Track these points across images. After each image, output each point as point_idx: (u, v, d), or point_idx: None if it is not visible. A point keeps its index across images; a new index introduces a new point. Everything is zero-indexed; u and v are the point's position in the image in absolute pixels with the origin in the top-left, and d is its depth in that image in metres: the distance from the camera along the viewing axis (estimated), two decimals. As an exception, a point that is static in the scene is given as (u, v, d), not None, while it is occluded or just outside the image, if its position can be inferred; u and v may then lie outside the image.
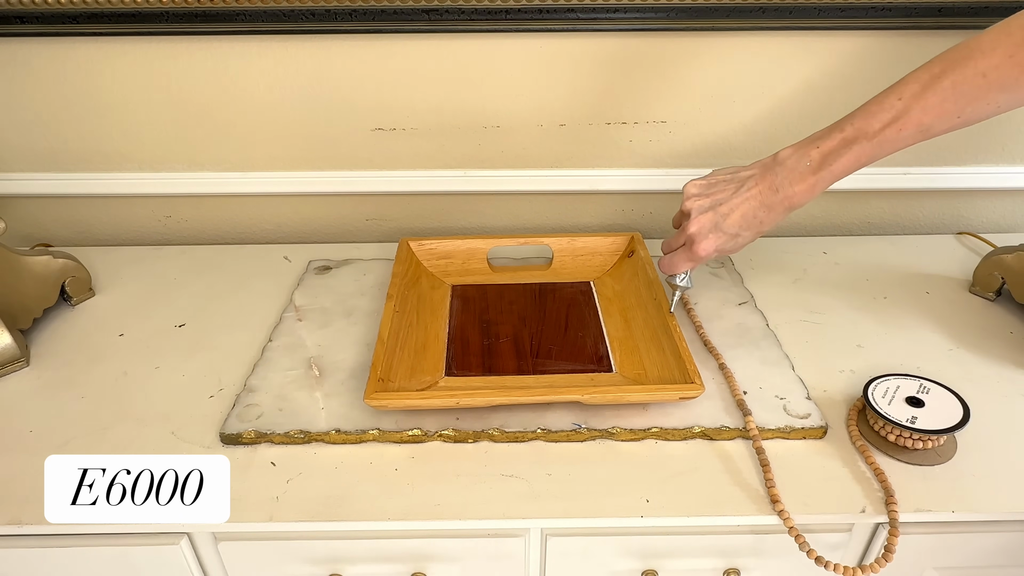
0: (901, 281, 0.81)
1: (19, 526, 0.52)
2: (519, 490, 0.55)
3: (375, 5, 0.76)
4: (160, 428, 0.61)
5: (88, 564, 0.56)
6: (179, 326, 0.75)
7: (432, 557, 0.58)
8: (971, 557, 0.58)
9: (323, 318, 0.74)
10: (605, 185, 0.91)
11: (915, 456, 0.56)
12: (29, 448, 0.59)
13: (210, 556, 0.58)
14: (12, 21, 0.76)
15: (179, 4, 0.76)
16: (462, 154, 0.89)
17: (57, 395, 0.65)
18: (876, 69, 0.83)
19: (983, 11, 0.77)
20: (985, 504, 0.53)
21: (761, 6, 0.77)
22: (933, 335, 0.72)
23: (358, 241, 0.96)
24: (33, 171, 0.88)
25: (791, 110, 0.86)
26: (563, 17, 0.77)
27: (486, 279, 0.80)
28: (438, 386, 0.64)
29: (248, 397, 0.63)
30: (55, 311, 0.77)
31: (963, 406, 0.57)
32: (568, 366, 0.66)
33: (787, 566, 0.58)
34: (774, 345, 0.70)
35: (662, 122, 0.87)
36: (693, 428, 0.59)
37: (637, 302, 0.73)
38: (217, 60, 0.81)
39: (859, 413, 0.61)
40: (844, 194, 0.93)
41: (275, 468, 0.57)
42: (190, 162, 0.89)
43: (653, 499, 0.54)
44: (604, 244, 0.82)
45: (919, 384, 0.60)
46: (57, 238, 0.94)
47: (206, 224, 0.95)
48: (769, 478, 0.54)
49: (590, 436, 0.59)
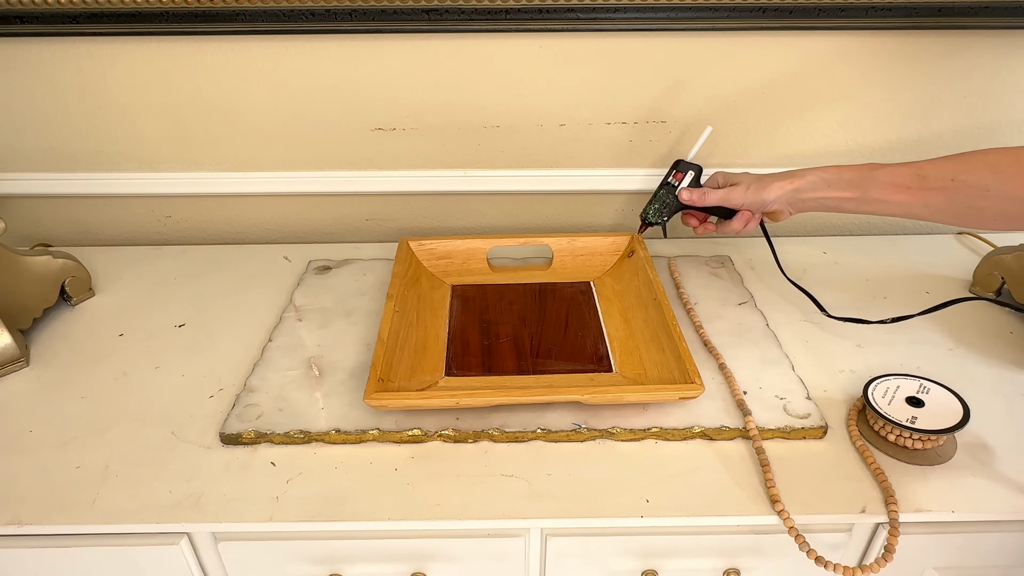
0: (901, 281, 0.81)
1: (19, 526, 0.52)
2: (519, 490, 0.55)
3: (375, 5, 0.76)
4: (160, 428, 0.61)
5: (88, 564, 0.56)
6: (179, 326, 0.75)
7: (432, 557, 0.58)
8: (971, 557, 0.58)
9: (323, 318, 0.74)
10: (605, 185, 0.91)
11: (915, 456, 0.56)
12: (29, 448, 0.59)
13: (210, 556, 0.58)
14: (12, 21, 0.76)
15: (179, 4, 0.76)
16: (462, 154, 0.89)
17: (57, 395, 0.65)
18: (876, 69, 0.83)
19: (983, 11, 0.77)
20: (985, 504, 0.53)
21: (761, 6, 0.77)
22: (933, 335, 0.72)
23: (358, 241, 0.96)
24: (33, 171, 0.88)
25: (791, 110, 0.86)
26: (563, 17, 0.77)
27: (486, 279, 0.80)
28: (438, 386, 0.64)
29: (248, 397, 0.63)
30: (55, 311, 0.77)
31: (963, 406, 0.57)
32: (568, 366, 0.66)
33: (787, 566, 0.58)
34: (774, 345, 0.70)
35: (662, 122, 0.87)
36: (693, 428, 0.59)
37: (637, 302, 0.73)
38: (217, 60, 0.81)
39: (859, 413, 0.61)
40: (844, 194, 0.93)
41: (275, 468, 0.57)
42: (190, 162, 0.89)
43: (653, 499, 0.54)
44: (604, 244, 0.82)
45: (919, 384, 0.60)
46: (57, 238, 0.94)
47: (206, 224, 0.95)
48: (769, 478, 0.54)
49: (590, 436, 0.59)
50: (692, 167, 0.75)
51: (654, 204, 0.76)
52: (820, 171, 0.67)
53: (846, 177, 0.65)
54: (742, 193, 0.69)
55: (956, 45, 0.81)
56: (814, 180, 0.66)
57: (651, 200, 0.76)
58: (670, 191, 0.75)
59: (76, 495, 0.54)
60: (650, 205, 0.76)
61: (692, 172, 0.75)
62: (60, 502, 0.54)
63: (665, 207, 0.75)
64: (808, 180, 0.66)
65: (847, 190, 0.64)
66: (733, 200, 0.70)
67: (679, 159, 0.77)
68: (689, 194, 0.73)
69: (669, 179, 0.76)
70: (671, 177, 0.76)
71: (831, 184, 0.65)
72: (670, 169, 0.76)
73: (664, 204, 0.75)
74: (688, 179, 0.75)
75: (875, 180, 0.63)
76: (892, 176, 0.62)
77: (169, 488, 0.55)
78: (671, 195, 0.75)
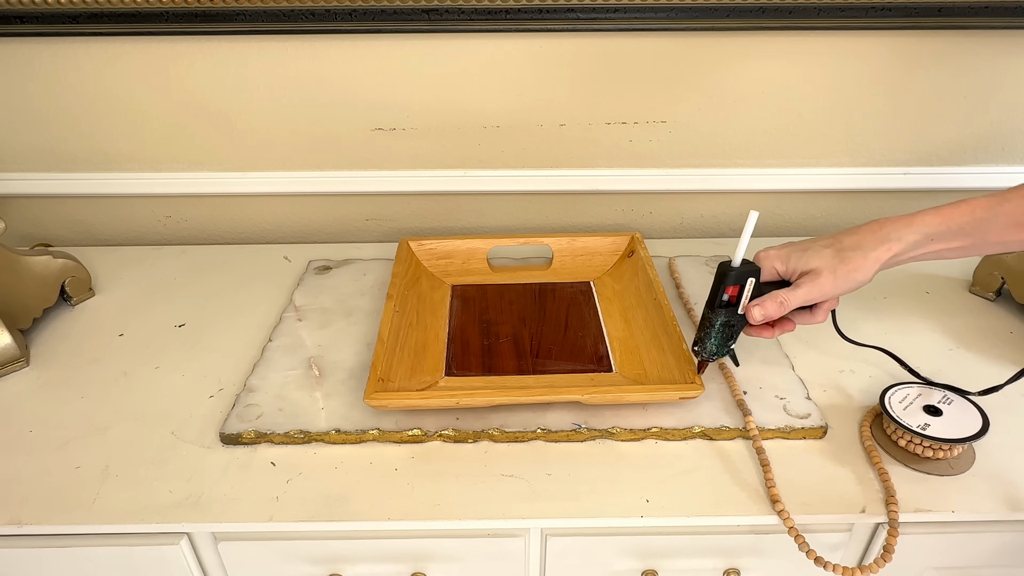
0: (901, 281, 0.81)
1: (19, 526, 0.52)
2: (519, 490, 0.55)
3: (375, 5, 0.76)
4: (160, 428, 0.61)
5: (88, 564, 0.56)
6: (179, 326, 0.75)
7: (432, 557, 0.58)
8: (971, 557, 0.58)
9: (323, 318, 0.74)
10: (605, 185, 0.91)
11: (925, 465, 0.56)
12: (29, 448, 0.59)
13: (210, 556, 0.58)
14: (12, 21, 0.76)
15: (179, 4, 0.76)
16: (462, 154, 0.89)
17: (57, 395, 0.65)
18: (875, 69, 0.83)
19: (983, 11, 0.77)
20: (985, 504, 0.53)
21: (761, 6, 0.77)
22: (933, 335, 0.72)
23: (358, 241, 0.96)
24: (33, 171, 0.88)
25: (791, 110, 0.86)
26: (563, 17, 0.77)
27: (486, 279, 0.80)
28: (438, 386, 0.64)
29: (248, 397, 0.63)
30: (55, 311, 0.77)
31: (983, 421, 0.56)
32: (568, 366, 0.66)
33: (787, 566, 0.58)
34: (774, 345, 0.70)
35: (662, 122, 0.87)
36: (693, 428, 0.59)
37: (637, 302, 0.73)
38: (217, 60, 0.81)
39: (876, 416, 0.61)
40: (844, 194, 0.93)
41: (275, 468, 0.57)
42: (190, 162, 0.89)
43: (653, 499, 0.54)
44: (604, 244, 0.82)
45: (943, 395, 0.59)
46: (57, 238, 0.94)
47: (206, 224, 0.95)
48: (769, 478, 0.54)
49: (590, 436, 0.59)
50: (748, 271, 0.56)
51: (712, 338, 0.58)
52: (919, 224, 0.54)
53: (956, 225, 0.53)
54: (831, 284, 0.54)
55: (956, 45, 0.81)
56: (915, 239, 0.54)
57: (702, 331, 0.58)
58: (729, 314, 0.57)
59: (76, 495, 0.54)
60: (707, 339, 0.58)
61: (752, 279, 0.56)
62: (60, 502, 0.54)
63: (728, 335, 0.58)
64: (908, 241, 0.54)
65: (956, 240, 0.54)
66: (822, 294, 0.55)
67: (725, 265, 0.56)
68: (763, 310, 0.55)
69: (722, 298, 0.56)
70: (723, 295, 0.56)
71: (936, 238, 0.54)
72: (716, 284, 0.56)
73: (726, 332, 0.58)
74: (748, 290, 0.56)
75: (993, 223, 0.53)
76: (1015, 213, 0.52)
77: (169, 488, 0.55)
78: (733, 315, 0.57)
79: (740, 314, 0.57)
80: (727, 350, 0.59)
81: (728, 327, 0.58)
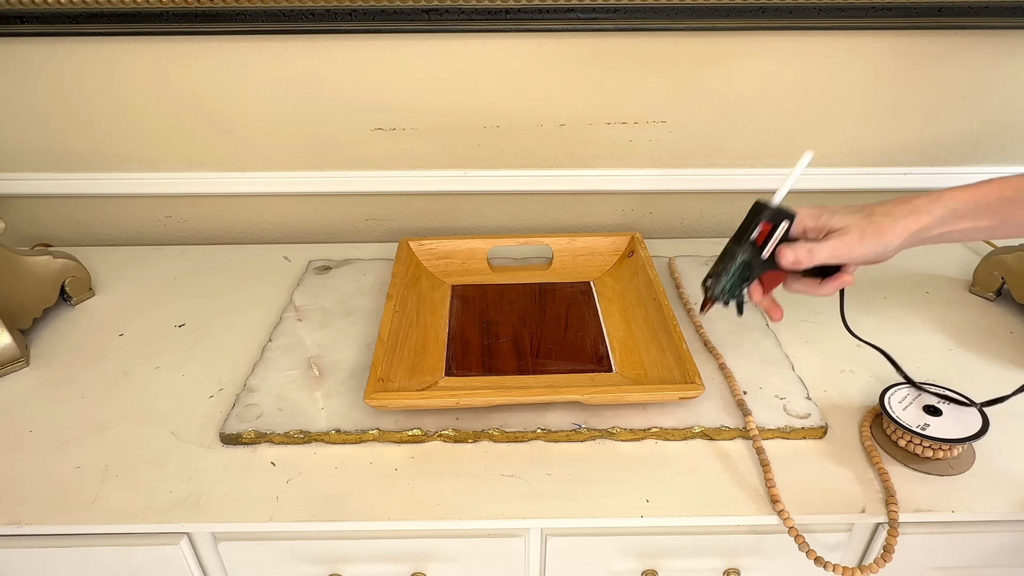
0: (901, 281, 0.81)
1: (19, 526, 0.52)
2: (519, 490, 0.55)
3: (375, 5, 0.76)
4: (160, 428, 0.61)
5: (88, 564, 0.56)
6: (179, 326, 0.75)
7: (432, 557, 0.58)
8: (971, 557, 0.58)
9: (323, 318, 0.74)
10: (605, 185, 0.91)
11: (925, 465, 0.56)
12: (29, 448, 0.59)
13: (210, 556, 0.58)
14: (12, 21, 0.76)
15: (179, 4, 0.76)
16: (462, 154, 0.89)
17: (57, 395, 0.65)
18: (875, 69, 0.83)
19: (983, 11, 0.77)
20: (985, 504, 0.53)
21: (761, 6, 0.77)
22: (933, 335, 0.72)
23: (358, 241, 0.96)
24: (33, 171, 0.88)
25: (791, 110, 0.86)
26: (563, 17, 0.77)
27: (486, 279, 0.80)
28: (438, 386, 0.64)
29: (248, 397, 0.63)
30: (55, 311, 0.77)
31: (983, 421, 0.56)
32: (568, 366, 0.66)
33: (787, 566, 0.58)
34: (774, 345, 0.70)
35: (662, 122, 0.87)
36: (693, 428, 0.59)
37: (637, 302, 0.73)
38: (217, 60, 0.81)
39: (876, 416, 0.61)
40: (844, 194, 0.93)
41: (275, 468, 0.57)
42: (190, 162, 0.89)
43: (653, 499, 0.54)
44: (604, 244, 0.82)
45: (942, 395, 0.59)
46: (57, 238, 0.94)
47: (206, 224, 0.95)
48: (769, 478, 0.54)
49: (590, 436, 0.59)
50: (785, 214, 0.54)
51: (729, 274, 0.55)
52: (948, 199, 0.54)
53: (983, 203, 0.53)
54: (858, 242, 0.53)
55: (956, 45, 0.81)
56: (943, 214, 0.53)
57: (721, 264, 0.55)
58: (752, 254, 0.54)
59: (76, 495, 0.54)
60: (723, 274, 0.55)
61: (786, 223, 0.54)
62: (60, 502, 0.54)
63: (744, 277, 0.55)
64: (936, 215, 0.53)
65: (983, 218, 0.53)
66: (848, 253, 0.53)
67: (761, 202, 0.54)
68: (794, 253, 0.53)
69: (751, 234, 0.54)
70: (755, 229, 0.54)
71: (963, 215, 0.54)
72: (750, 218, 0.55)
73: (743, 272, 0.55)
74: (780, 232, 0.54)
75: (1022, 202, 0.52)
76: None
77: (169, 488, 0.55)
78: (756, 256, 0.54)
79: (762, 259, 0.55)
80: (738, 293, 0.56)
81: (747, 267, 0.55)
